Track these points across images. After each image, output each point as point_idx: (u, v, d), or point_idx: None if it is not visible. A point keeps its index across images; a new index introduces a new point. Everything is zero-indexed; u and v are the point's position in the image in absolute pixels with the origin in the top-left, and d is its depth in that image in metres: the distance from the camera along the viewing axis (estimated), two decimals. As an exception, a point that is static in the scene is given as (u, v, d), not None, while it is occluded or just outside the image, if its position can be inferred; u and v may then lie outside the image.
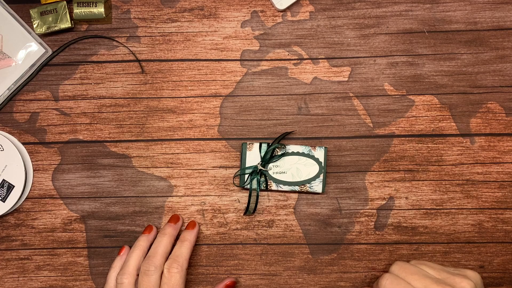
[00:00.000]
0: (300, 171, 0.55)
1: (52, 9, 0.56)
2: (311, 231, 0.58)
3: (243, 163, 0.55)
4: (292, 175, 0.55)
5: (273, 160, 0.54)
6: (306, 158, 0.55)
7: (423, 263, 0.51)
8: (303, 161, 0.55)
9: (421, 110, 0.57)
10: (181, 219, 0.57)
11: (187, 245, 0.53)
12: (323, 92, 0.57)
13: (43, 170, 0.58)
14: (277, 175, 0.55)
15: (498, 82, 0.57)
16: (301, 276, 0.58)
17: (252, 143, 0.55)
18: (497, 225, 0.57)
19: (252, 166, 0.55)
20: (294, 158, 0.55)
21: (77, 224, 0.58)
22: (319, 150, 0.55)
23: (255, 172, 0.55)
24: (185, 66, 0.57)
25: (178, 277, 0.50)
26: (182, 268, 0.51)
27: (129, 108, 0.58)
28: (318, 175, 0.55)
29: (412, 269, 0.49)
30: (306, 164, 0.55)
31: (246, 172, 0.55)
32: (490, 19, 0.57)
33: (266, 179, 0.55)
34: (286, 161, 0.55)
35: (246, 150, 0.55)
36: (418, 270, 0.49)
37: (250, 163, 0.55)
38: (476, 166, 0.57)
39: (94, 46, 0.58)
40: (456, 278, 0.48)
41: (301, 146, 0.55)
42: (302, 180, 0.55)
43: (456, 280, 0.48)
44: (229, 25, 0.57)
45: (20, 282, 0.58)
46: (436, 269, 0.50)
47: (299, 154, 0.55)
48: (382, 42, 0.57)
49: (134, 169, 0.58)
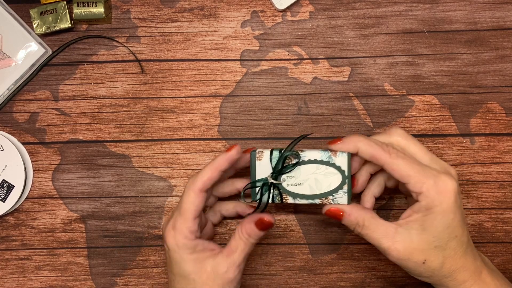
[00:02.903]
0: (320, 182, 0.47)
1: (52, 9, 0.56)
2: (311, 231, 0.58)
3: (252, 175, 0.48)
4: (310, 187, 0.47)
5: (286, 170, 0.47)
6: (325, 167, 0.47)
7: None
8: (322, 170, 0.47)
9: (421, 110, 0.57)
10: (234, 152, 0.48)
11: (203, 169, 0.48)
12: (323, 92, 0.57)
13: (43, 170, 0.58)
14: (292, 187, 0.47)
15: (498, 82, 0.57)
16: (301, 276, 0.58)
17: (262, 151, 0.48)
18: (497, 225, 0.57)
19: (263, 179, 0.48)
20: (312, 167, 0.47)
21: (77, 224, 0.58)
22: (341, 156, 0.47)
23: (266, 185, 0.47)
24: (185, 66, 0.57)
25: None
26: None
27: (129, 108, 0.58)
28: (341, 186, 0.47)
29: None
30: (326, 174, 0.47)
31: (257, 185, 0.48)
32: (490, 19, 0.57)
33: (280, 191, 0.48)
34: (302, 171, 0.47)
35: (256, 160, 0.48)
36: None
37: (261, 175, 0.48)
38: (476, 166, 0.57)
39: (94, 46, 0.58)
40: (444, 163, 0.48)
41: (318, 151, 0.47)
42: (323, 192, 0.47)
43: (445, 164, 0.48)
44: (229, 25, 0.57)
45: (20, 282, 0.58)
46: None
47: (317, 162, 0.47)
48: (382, 42, 0.57)
49: (134, 169, 0.58)
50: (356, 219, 0.47)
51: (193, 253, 0.48)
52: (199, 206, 0.48)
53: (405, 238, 0.45)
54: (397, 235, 0.46)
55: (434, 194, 0.45)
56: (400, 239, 0.45)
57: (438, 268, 0.46)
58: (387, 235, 0.46)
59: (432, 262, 0.46)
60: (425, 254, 0.46)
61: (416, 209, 0.46)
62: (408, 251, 0.45)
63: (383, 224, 0.46)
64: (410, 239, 0.45)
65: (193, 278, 0.48)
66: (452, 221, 0.45)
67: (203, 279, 0.48)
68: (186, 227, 0.47)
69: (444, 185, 0.45)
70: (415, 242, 0.45)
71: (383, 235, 0.46)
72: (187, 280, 0.48)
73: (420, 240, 0.45)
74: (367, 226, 0.46)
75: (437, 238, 0.45)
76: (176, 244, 0.48)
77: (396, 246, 0.45)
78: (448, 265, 0.46)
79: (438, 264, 0.46)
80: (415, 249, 0.45)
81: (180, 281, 0.49)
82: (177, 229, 0.48)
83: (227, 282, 0.48)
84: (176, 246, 0.48)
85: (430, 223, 0.45)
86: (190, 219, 0.47)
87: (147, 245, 0.58)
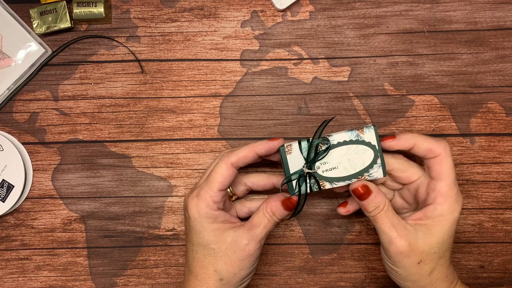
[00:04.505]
0: (353, 162, 0.48)
1: (51, 9, 0.56)
2: (311, 231, 0.58)
3: (286, 170, 0.48)
4: (345, 169, 0.48)
5: (319, 157, 0.47)
6: (355, 146, 0.47)
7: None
8: (353, 149, 0.47)
9: (421, 110, 0.57)
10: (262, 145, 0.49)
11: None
12: (323, 92, 0.57)
13: (42, 170, 0.58)
14: (328, 172, 0.48)
15: (498, 82, 0.57)
16: (301, 276, 0.58)
17: (290, 144, 0.48)
18: (497, 225, 0.57)
19: (298, 171, 0.48)
20: (343, 149, 0.47)
21: (77, 224, 0.58)
22: (368, 132, 0.47)
23: (302, 177, 0.48)
24: (185, 66, 0.57)
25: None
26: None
27: (129, 108, 0.57)
28: (375, 160, 0.47)
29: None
30: (357, 152, 0.47)
31: (293, 178, 0.48)
32: (490, 19, 0.57)
33: (317, 179, 0.48)
34: (334, 155, 0.48)
35: (286, 155, 0.48)
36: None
37: (295, 168, 0.48)
38: (476, 166, 0.57)
39: (94, 46, 0.58)
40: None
41: (346, 132, 0.47)
42: (358, 171, 0.48)
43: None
44: (229, 25, 0.57)
45: (20, 282, 0.58)
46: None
47: (347, 143, 0.47)
48: (382, 42, 0.57)
49: (134, 169, 0.58)
50: (380, 201, 0.48)
51: (213, 223, 0.48)
52: (227, 179, 0.48)
53: (412, 236, 0.47)
54: (405, 231, 0.47)
55: (453, 202, 0.47)
56: (407, 235, 0.47)
57: (428, 272, 0.48)
58: (397, 227, 0.47)
59: (425, 265, 0.47)
60: (423, 255, 0.47)
61: (429, 213, 0.48)
62: (410, 248, 0.47)
63: (397, 216, 0.48)
64: (415, 238, 0.47)
65: (213, 248, 0.48)
66: (453, 232, 0.48)
67: (222, 250, 0.48)
68: (210, 196, 0.48)
69: (460, 197, 0.48)
70: (419, 242, 0.47)
71: (394, 226, 0.47)
72: (207, 249, 0.48)
73: (425, 242, 0.47)
74: (385, 211, 0.48)
75: (440, 244, 0.47)
76: (198, 212, 0.48)
77: (401, 240, 0.47)
78: (436, 272, 0.48)
79: (429, 269, 0.48)
80: (417, 248, 0.47)
81: (199, 251, 0.49)
82: (200, 197, 0.48)
83: (247, 255, 0.48)
84: (197, 214, 0.48)
85: (439, 229, 0.47)
86: (215, 188, 0.48)
87: (147, 245, 0.58)
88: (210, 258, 0.48)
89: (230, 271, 0.48)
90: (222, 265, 0.48)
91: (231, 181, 0.49)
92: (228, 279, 0.48)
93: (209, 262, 0.48)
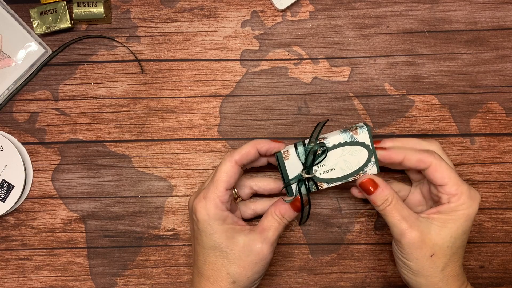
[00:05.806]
0: (349, 162, 0.49)
1: (51, 9, 0.56)
2: (311, 231, 0.58)
3: (285, 176, 0.49)
4: (342, 169, 0.49)
5: (316, 162, 0.49)
6: (350, 147, 0.49)
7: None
8: (348, 150, 0.49)
9: (421, 110, 0.57)
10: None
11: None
12: (323, 92, 0.57)
13: (42, 170, 0.58)
14: (325, 174, 0.49)
15: (498, 82, 0.57)
16: (301, 276, 0.58)
17: (287, 150, 0.49)
18: (497, 225, 0.57)
19: (297, 176, 0.49)
20: (338, 151, 0.49)
21: (77, 224, 0.58)
22: (362, 133, 0.49)
23: (301, 181, 0.49)
24: (185, 66, 0.57)
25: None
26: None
27: (129, 108, 0.57)
28: (369, 158, 0.49)
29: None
30: (353, 153, 0.49)
31: (292, 183, 0.49)
32: (490, 19, 0.57)
33: (315, 181, 0.49)
34: (331, 157, 0.49)
35: (283, 160, 0.49)
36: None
37: (293, 173, 0.49)
38: (476, 166, 0.57)
39: (94, 46, 0.58)
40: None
41: (340, 134, 0.49)
42: (354, 170, 0.49)
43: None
44: (229, 25, 0.57)
45: (20, 282, 0.58)
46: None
47: (342, 145, 0.49)
48: (382, 42, 0.57)
49: (134, 169, 0.58)
50: (388, 195, 0.48)
51: (223, 224, 0.48)
52: (233, 177, 0.48)
53: (424, 228, 0.47)
54: (417, 222, 0.47)
55: (466, 198, 0.47)
56: (419, 226, 0.47)
57: (441, 268, 0.47)
58: (409, 219, 0.47)
59: (438, 259, 0.47)
60: (435, 249, 0.47)
61: (443, 210, 0.48)
62: (421, 239, 0.47)
63: (407, 208, 0.48)
64: (428, 230, 0.47)
65: (225, 250, 0.48)
66: (468, 229, 0.48)
67: (235, 253, 0.48)
68: (218, 196, 0.48)
69: (475, 194, 0.48)
70: (432, 234, 0.47)
71: (404, 218, 0.47)
72: (219, 252, 0.48)
73: (438, 235, 0.47)
74: (393, 204, 0.48)
75: (453, 239, 0.47)
76: (207, 214, 0.48)
77: (412, 231, 0.47)
78: (449, 269, 0.48)
79: (442, 264, 0.47)
80: (429, 240, 0.47)
81: (211, 254, 0.49)
82: (208, 199, 0.48)
83: (261, 259, 0.48)
84: (207, 216, 0.48)
85: (452, 223, 0.47)
86: (222, 188, 0.48)
87: (147, 245, 0.58)
88: (222, 260, 0.48)
89: (243, 274, 0.48)
90: (235, 268, 0.48)
91: (237, 179, 0.49)
92: (241, 282, 0.48)
93: (221, 264, 0.48)
